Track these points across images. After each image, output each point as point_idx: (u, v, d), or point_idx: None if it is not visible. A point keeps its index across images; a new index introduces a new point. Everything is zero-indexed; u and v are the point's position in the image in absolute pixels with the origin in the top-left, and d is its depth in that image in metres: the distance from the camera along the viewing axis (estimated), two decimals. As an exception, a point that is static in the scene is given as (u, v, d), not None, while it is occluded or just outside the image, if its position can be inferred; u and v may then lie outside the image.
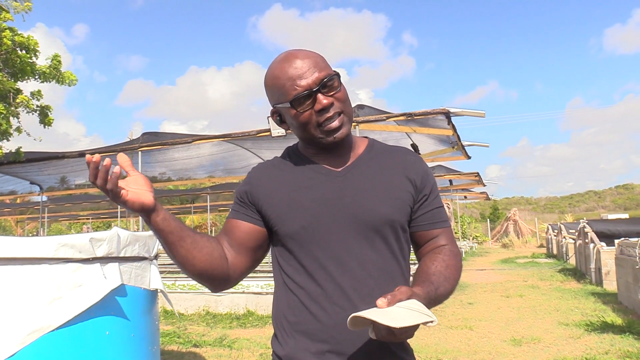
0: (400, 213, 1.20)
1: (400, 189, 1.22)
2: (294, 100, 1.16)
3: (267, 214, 1.22)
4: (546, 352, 4.74)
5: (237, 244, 1.24)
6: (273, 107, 1.25)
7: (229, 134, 8.91)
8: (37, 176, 12.34)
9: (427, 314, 0.95)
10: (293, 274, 1.19)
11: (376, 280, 1.16)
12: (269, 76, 1.22)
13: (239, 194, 1.28)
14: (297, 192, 1.21)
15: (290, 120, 1.21)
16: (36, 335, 2.08)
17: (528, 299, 7.95)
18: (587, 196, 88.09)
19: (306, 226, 1.17)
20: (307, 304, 1.16)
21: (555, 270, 12.34)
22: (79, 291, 2.20)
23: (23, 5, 8.82)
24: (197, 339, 5.46)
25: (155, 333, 2.75)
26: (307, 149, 1.27)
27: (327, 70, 1.18)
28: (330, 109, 1.17)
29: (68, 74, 9.65)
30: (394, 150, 1.31)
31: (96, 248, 2.30)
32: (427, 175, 1.27)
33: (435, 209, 1.27)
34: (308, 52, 1.21)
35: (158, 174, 13.02)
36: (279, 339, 1.20)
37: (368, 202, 1.18)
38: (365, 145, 1.30)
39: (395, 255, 1.20)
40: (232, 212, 1.28)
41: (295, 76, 1.15)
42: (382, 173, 1.23)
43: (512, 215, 29.96)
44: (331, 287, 1.14)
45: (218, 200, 21.62)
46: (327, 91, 1.17)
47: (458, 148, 9.90)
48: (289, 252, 1.20)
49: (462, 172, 16.53)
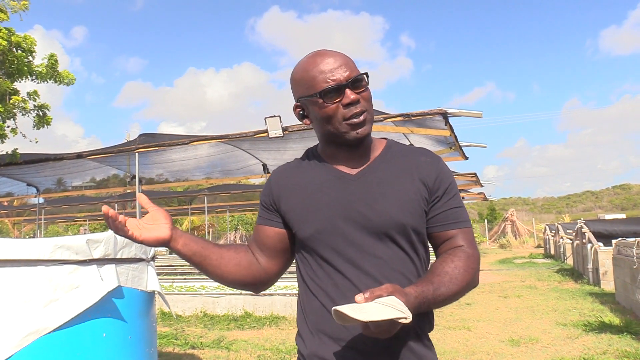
0: (412, 217, 1.21)
1: (412, 192, 1.23)
2: (324, 92, 1.19)
3: (286, 218, 1.29)
4: (544, 352, 4.74)
5: (266, 248, 1.32)
6: (297, 100, 1.28)
7: (226, 135, 8.90)
8: (34, 178, 12.30)
9: (401, 310, 0.97)
10: (313, 276, 1.24)
11: (391, 281, 1.16)
12: (300, 69, 1.26)
13: (262, 200, 1.35)
14: (312, 196, 1.25)
15: (316, 113, 1.24)
16: (33, 337, 2.07)
17: (526, 299, 7.96)
18: (584, 196, 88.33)
19: (321, 230, 1.21)
20: (326, 304, 1.19)
21: (553, 270, 12.35)
22: (76, 293, 2.19)
23: (20, 4, 8.79)
24: (195, 340, 5.45)
25: (153, 335, 2.74)
26: (327, 149, 1.30)
27: (356, 70, 1.23)
28: (357, 105, 1.20)
29: (65, 72, 9.62)
30: (410, 151, 1.31)
31: (93, 250, 2.29)
32: (442, 175, 1.26)
33: (450, 210, 1.25)
34: (339, 52, 1.25)
35: (155, 176, 12.99)
36: (303, 339, 1.25)
37: (379, 206, 1.20)
38: (383, 147, 1.32)
39: (410, 256, 1.22)
40: (258, 218, 1.35)
41: (326, 70, 1.20)
42: (396, 177, 1.25)
43: (510, 216, 30.01)
44: (349, 290, 1.17)
45: (215, 202, 21.61)
46: (356, 88, 1.21)
47: (455, 149, 9.91)
48: (308, 254, 1.26)
49: (459, 172, 16.55)
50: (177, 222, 36.93)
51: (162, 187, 16.88)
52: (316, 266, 1.23)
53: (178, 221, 36.43)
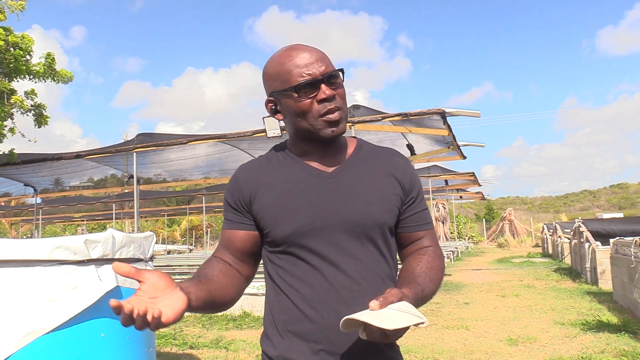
0: (389, 215, 1.22)
1: (389, 192, 1.23)
2: (299, 87, 1.16)
3: (258, 217, 1.22)
4: (542, 351, 4.75)
5: (239, 253, 1.26)
6: (270, 95, 1.24)
7: (224, 134, 8.89)
8: (31, 178, 12.28)
9: (418, 315, 0.97)
10: (284, 275, 1.19)
11: (368, 281, 1.17)
12: (274, 62, 1.21)
13: (228, 200, 1.26)
14: (288, 195, 1.20)
15: (289, 109, 1.20)
16: (31, 337, 2.06)
17: (524, 298, 7.97)
18: (582, 196, 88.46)
19: (298, 229, 1.17)
20: (299, 304, 1.16)
21: (551, 269, 12.37)
22: (74, 293, 2.19)
23: (17, 4, 8.77)
24: (193, 340, 5.45)
25: (151, 335, 2.74)
26: (298, 146, 1.26)
27: (332, 66, 1.20)
28: (332, 101, 1.17)
29: (63, 71, 9.60)
30: (382, 151, 1.31)
31: (91, 250, 2.29)
32: (415, 177, 1.29)
33: (421, 212, 1.29)
34: (314, 47, 1.22)
35: (153, 175, 12.98)
36: (271, 339, 1.20)
37: (359, 204, 1.19)
38: (355, 145, 1.30)
39: (384, 256, 1.22)
40: (226, 222, 1.27)
41: (302, 65, 1.16)
42: (372, 175, 1.24)
43: (508, 215, 30.05)
44: (324, 288, 1.15)
45: (214, 202, 21.59)
46: (331, 85, 1.18)
47: (453, 148, 9.92)
48: (280, 253, 1.20)
49: (457, 172, 16.59)
50: (175, 222, 36.88)
51: (160, 187, 16.86)
52: (289, 265, 1.19)
53: (176, 221, 36.39)
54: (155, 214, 30.17)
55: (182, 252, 26.19)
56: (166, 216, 30.79)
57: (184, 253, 24.39)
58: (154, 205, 24.92)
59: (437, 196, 24.71)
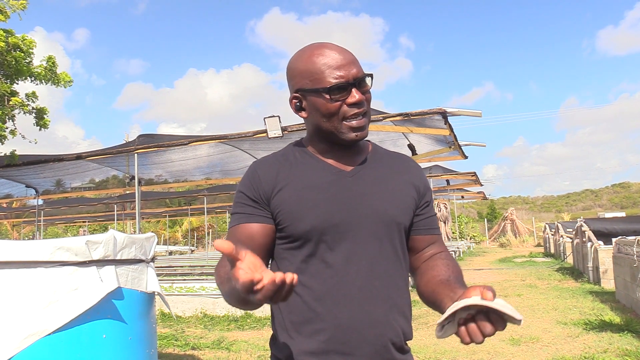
0: (406, 216, 1.23)
1: (405, 194, 1.25)
2: (331, 89, 1.14)
3: (276, 211, 1.19)
4: (545, 351, 4.74)
5: (260, 248, 1.18)
6: (296, 91, 1.21)
7: (225, 135, 8.89)
8: (33, 179, 12.28)
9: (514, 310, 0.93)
10: (296, 273, 1.17)
11: (382, 281, 1.16)
12: (303, 59, 1.19)
13: (247, 193, 1.21)
14: (307, 191, 1.18)
15: (317, 108, 1.18)
16: (32, 339, 2.06)
17: (526, 298, 7.96)
18: (583, 195, 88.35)
19: (317, 226, 1.16)
20: (310, 303, 1.14)
21: (553, 269, 12.36)
22: (76, 294, 2.18)
23: (18, 3, 8.77)
24: (195, 341, 5.45)
25: (153, 336, 2.74)
26: (317, 145, 1.25)
27: (362, 70, 1.19)
28: (360, 106, 1.17)
29: (63, 75, 9.60)
30: (397, 156, 1.35)
31: (92, 251, 2.28)
32: (428, 183, 1.34)
33: (433, 216, 1.33)
34: (345, 47, 1.21)
35: (154, 176, 12.98)
36: (280, 340, 1.18)
37: (378, 203, 1.19)
38: (370, 148, 1.32)
39: (399, 257, 1.22)
40: (241, 216, 1.20)
41: (334, 65, 1.15)
42: (389, 176, 1.25)
43: (510, 215, 30.06)
44: (337, 287, 1.14)
45: (215, 202, 21.59)
46: (361, 89, 1.17)
47: (455, 148, 9.90)
48: (294, 250, 1.18)
49: (459, 172, 16.55)
50: (177, 223, 36.91)
51: (161, 188, 16.87)
52: (301, 262, 1.16)
53: (178, 222, 36.41)
54: (157, 215, 30.18)
55: (184, 253, 26.23)
56: (167, 217, 30.80)
57: (186, 254, 24.44)
58: (155, 206, 24.93)
59: (438, 196, 24.69)
